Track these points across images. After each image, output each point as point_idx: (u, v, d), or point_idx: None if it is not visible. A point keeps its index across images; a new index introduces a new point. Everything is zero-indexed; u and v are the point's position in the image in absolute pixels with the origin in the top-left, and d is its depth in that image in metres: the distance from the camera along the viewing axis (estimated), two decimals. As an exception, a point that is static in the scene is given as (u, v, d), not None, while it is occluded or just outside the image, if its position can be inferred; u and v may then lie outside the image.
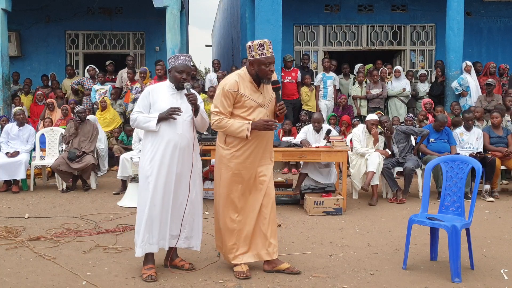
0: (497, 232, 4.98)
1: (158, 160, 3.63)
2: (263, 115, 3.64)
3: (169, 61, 3.78)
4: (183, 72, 3.69)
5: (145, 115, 3.68)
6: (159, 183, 3.62)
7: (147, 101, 3.72)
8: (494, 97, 8.65)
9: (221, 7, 18.20)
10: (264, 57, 3.52)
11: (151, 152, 3.66)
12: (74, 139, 7.37)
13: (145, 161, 3.67)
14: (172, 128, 3.65)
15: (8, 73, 9.54)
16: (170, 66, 3.74)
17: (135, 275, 3.65)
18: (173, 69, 3.70)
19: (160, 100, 3.70)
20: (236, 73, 3.70)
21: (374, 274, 3.74)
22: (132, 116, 3.76)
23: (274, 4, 8.90)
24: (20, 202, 6.49)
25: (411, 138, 6.97)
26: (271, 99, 3.71)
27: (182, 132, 3.68)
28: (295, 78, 9.37)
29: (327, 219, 5.49)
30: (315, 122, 6.69)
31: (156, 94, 3.73)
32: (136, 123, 3.73)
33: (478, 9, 11.28)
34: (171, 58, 3.76)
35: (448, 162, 4.02)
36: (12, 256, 4.16)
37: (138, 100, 3.81)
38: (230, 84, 3.58)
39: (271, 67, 3.56)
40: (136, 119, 3.71)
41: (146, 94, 3.76)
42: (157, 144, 3.65)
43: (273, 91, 3.68)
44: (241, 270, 3.65)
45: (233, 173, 3.66)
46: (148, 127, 3.65)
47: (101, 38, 12.08)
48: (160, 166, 3.63)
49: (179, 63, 3.70)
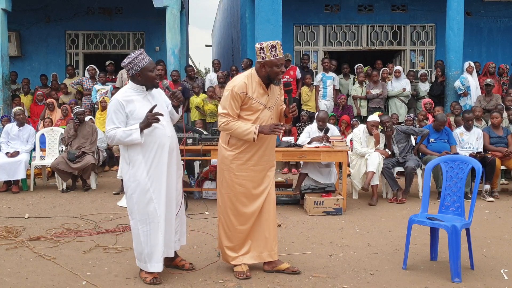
0: (497, 232, 4.98)
1: (156, 169, 3.47)
2: (268, 117, 3.63)
3: (131, 64, 3.45)
4: (154, 68, 3.52)
5: (123, 129, 3.41)
6: (162, 194, 3.48)
7: (123, 113, 3.44)
8: (493, 97, 8.66)
9: (221, 7, 18.20)
10: (276, 58, 3.50)
11: (145, 163, 3.45)
12: (74, 140, 7.37)
13: (140, 174, 3.44)
14: (161, 132, 3.50)
15: (8, 73, 9.55)
16: (136, 69, 3.45)
17: (135, 275, 3.64)
18: (144, 70, 3.45)
19: (138, 107, 3.46)
20: (245, 74, 3.65)
21: (374, 274, 3.74)
22: (108, 134, 3.45)
23: (274, 4, 8.91)
24: (20, 202, 6.49)
25: (411, 138, 6.98)
26: (277, 101, 3.71)
27: (172, 134, 3.60)
28: (294, 76, 9.38)
29: (327, 219, 5.49)
30: (319, 121, 6.70)
31: (130, 103, 3.46)
32: (115, 140, 3.43)
33: (478, 9, 11.29)
34: (132, 62, 3.44)
35: (448, 162, 4.02)
36: (12, 256, 4.16)
37: (110, 115, 3.46)
38: (239, 87, 3.54)
39: (283, 68, 3.57)
40: (114, 136, 3.42)
41: (118, 106, 3.44)
42: (151, 153, 3.46)
43: (285, 93, 3.69)
44: (241, 270, 3.65)
45: (235, 175, 3.65)
46: (133, 140, 3.39)
47: (101, 38, 12.09)
48: (160, 175, 3.47)
49: (147, 62, 3.46)
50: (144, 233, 3.49)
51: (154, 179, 3.47)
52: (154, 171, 3.47)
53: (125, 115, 3.46)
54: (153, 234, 3.48)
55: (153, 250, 3.48)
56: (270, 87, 3.65)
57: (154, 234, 3.48)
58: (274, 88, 3.68)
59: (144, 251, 3.50)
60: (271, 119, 3.66)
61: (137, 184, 3.47)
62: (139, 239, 3.50)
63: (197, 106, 8.96)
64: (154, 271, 3.50)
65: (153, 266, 3.49)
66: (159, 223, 3.48)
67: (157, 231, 3.47)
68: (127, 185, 3.53)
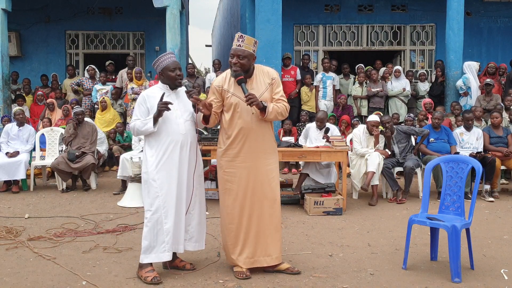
0: (497, 232, 4.98)
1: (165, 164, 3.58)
2: (249, 111, 3.58)
3: (156, 63, 3.70)
4: (176, 68, 3.65)
5: (141, 120, 3.63)
6: (172, 189, 3.57)
7: (145, 107, 3.66)
8: (493, 97, 8.66)
9: (221, 7, 18.20)
10: (232, 48, 3.57)
11: (156, 157, 3.59)
12: (74, 140, 7.37)
13: (150, 166, 3.60)
14: (175, 129, 3.62)
15: (8, 73, 9.54)
16: (159, 68, 3.67)
17: (135, 275, 3.64)
18: (165, 69, 3.65)
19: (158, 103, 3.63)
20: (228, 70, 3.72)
21: (374, 274, 3.74)
22: (130, 125, 3.72)
23: (274, 4, 8.90)
24: (20, 202, 6.49)
25: (411, 138, 6.98)
26: (262, 95, 3.61)
27: (186, 132, 3.66)
28: (294, 76, 9.38)
29: (327, 219, 5.49)
30: (318, 121, 6.72)
31: (152, 99, 3.65)
32: (135, 130, 3.67)
33: (478, 9, 11.28)
34: (158, 61, 3.69)
35: (448, 162, 4.01)
36: (12, 256, 4.16)
37: (135, 108, 3.74)
38: (217, 80, 3.68)
39: (234, 59, 3.57)
40: (134, 126, 3.66)
41: (142, 100, 3.69)
42: (162, 148, 3.59)
43: (238, 84, 3.60)
44: (241, 271, 3.64)
45: (224, 171, 3.68)
46: (147, 130, 3.59)
47: (101, 38, 12.08)
48: (169, 171, 3.57)
49: (169, 62, 3.65)
50: (148, 224, 3.57)
51: (162, 173, 3.58)
52: (163, 165, 3.58)
53: (147, 109, 3.64)
54: (157, 227, 3.55)
55: (155, 244, 3.55)
56: (252, 81, 3.63)
57: (159, 226, 3.55)
58: (258, 83, 3.64)
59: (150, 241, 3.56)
60: (253, 114, 3.59)
61: (147, 176, 3.62)
62: (145, 230, 3.59)
63: (197, 107, 8.96)
64: (158, 260, 3.57)
65: (158, 256, 3.55)
66: (167, 216, 3.54)
67: (161, 223, 3.54)
68: (142, 177, 3.71)
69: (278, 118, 3.69)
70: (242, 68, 3.59)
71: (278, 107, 3.62)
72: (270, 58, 8.75)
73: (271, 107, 3.58)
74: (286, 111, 3.70)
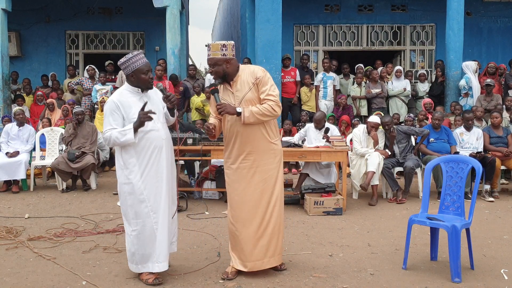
0: (497, 232, 4.98)
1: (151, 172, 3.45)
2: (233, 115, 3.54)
3: (126, 64, 3.43)
4: (149, 71, 3.46)
5: (118, 130, 3.38)
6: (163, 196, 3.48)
7: (119, 114, 3.43)
8: (493, 97, 8.65)
9: (221, 7, 18.21)
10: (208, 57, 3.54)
11: (139, 166, 3.43)
12: (74, 140, 7.37)
13: (133, 177, 3.42)
14: (155, 135, 3.47)
15: (8, 73, 9.55)
16: (130, 69, 3.43)
17: (135, 275, 3.64)
18: (138, 71, 3.42)
19: (134, 109, 3.43)
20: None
21: (374, 274, 3.74)
22: (105, 135, 3.43)
23: (274, 4, 8.90)
24: (20, 202, 6.49)
25: (411, 138, 6.98)
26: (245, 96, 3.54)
27: (166, 136, 3.59)
28: (294, 77, 9.38)
29: (327, 219, 5.49)
30: (315, 122, 6.73)
31: (125, 104, 3.44)
32: (111, 141, 3.40)
33: (478, 9, 11.29)
34: (128, 61, 3.42)
35: (448, 162, 4.01)
36: (12, 256, 4.16)
37: (107, 115, 3.46)
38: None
39: (209, 69, 3.59)
40: (109, 137, 3.40)
41: (114, 107, 3.42)
42: (145, 156, 3.44)
43: (210, 93, 3.61)
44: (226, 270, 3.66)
45: (226, 172, 3.74)
46: (127, 141, 3.37)
47: (101, 38, 12.09)
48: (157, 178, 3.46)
49: (142, 64, 3.44)
50: (138, 235, 3.47)
51: (148, 182, 3.45)
52: (148, 174, 3.45)
53: (122, 116, 3.44)
54: (148, 236, 3.46)
55: (151, 251, 3.47)
56: (236, 84, 3.58)
57: (150, 235, 3.46)
58: (242, 84, 3.57)
59: (137, 252, 3.49)
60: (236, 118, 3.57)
61: (131, 187, 3.44)
62: (133, 241, 3.49)
63: (197, 108, 8.95)
64: (158, 271, 3.49)
65: (155, 266, 3.48)
66: (158, 224, 3.47)
67: (154, 232, 3.46)
68: (121, 188, 3.51)
69: (263, 119, 3.50)
70: (218, 75, 3.54)
71: (259, 109, 3.46)
72: (270, 58, 8.75)
73: (247, 111, 3.45)
74: (273, 111, 3.50)
